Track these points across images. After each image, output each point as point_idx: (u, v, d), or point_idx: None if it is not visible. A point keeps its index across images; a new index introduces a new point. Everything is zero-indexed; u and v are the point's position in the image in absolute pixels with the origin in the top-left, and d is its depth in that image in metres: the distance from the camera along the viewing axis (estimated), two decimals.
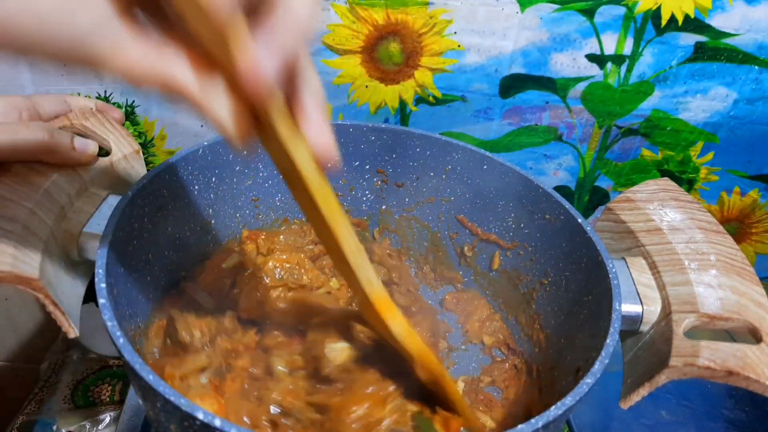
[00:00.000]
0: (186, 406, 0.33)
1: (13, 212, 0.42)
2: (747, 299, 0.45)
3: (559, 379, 0.51)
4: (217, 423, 0.32)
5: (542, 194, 0.56)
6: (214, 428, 0.33)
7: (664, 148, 0.78)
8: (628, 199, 0.53)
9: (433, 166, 0.63)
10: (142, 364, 0.36)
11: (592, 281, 0.49)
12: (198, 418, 0.33)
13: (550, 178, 0.81)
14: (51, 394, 0.68)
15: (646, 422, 0.66)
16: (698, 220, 0.51)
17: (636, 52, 0.71)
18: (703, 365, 0.40)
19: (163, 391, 0.34)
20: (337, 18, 0.69)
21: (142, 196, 0.50)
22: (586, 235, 0.51)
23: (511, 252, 0.62)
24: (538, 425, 0.36)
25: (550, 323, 0.57)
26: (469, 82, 0.73)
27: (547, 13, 0.68)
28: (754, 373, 0.40)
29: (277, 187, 0.64)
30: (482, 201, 0.62)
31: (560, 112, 0.76)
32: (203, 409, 0.33)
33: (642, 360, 0.46)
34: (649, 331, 0.47)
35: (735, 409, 0.70)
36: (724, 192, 0.82)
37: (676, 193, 0.53)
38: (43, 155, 0.46)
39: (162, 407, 0.35)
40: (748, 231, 0.85)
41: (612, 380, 0.46)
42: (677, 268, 0.47)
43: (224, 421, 0.33)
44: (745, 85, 0.73)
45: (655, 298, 0.47)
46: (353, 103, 0.75)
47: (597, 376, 0.40)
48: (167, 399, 0.34)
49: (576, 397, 0.38)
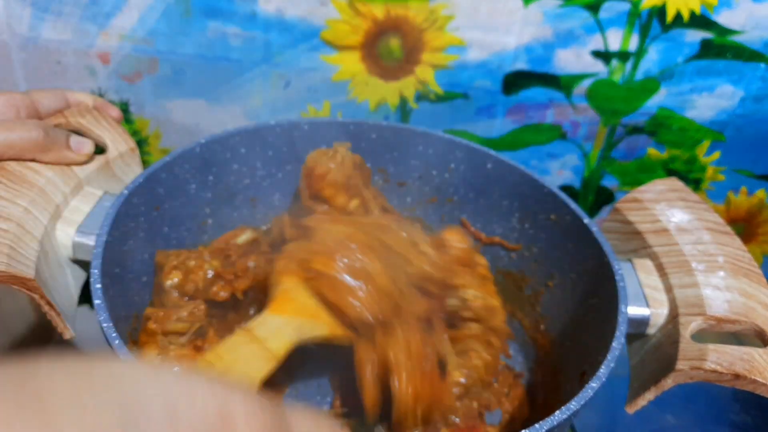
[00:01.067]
0: None
1: (7, 211, 0.42)
2: (755, 301, 0.45)
3: (564, 383, 0.50)
4: None
5: (547, 194, 0.55)
6: None
7: (670, 147, 0.77)
8: (635, 199, 0.52)
9: (435, 165, 0.62)
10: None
11: (599, 283, 0.49)
12: None
13: (554, 177, 0.80)
14: None
15: (652, 427, 0.65)
16: (706, 221, 0.50)
17: (641, 49, 0.70)
18: (710, 369, 0.40)
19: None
20: (336, 13, 0.68)
21: (137, 195, 0.49)
22: (592, 236, 0.50)
23: (516, 253, 0.61)
24: (542, 430, 0.35)
25: (556, 326, 0.56)
26: (472, 78, 0.72)
27: (551, 8, 0.67)
28: (762, 377, 0.40)
29: (275, 187, 0.63)
30: (486, 201, 0.61)
31: (564, 110, 0.75)
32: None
33: (648, 363, 0.46)
34: (655, 334, 0.47)
35: (741, 412, 0.69)
36: (731, 191, 0.81)
37: (683, 194, 0.53)
38: (37, 154, 0.45)
39: None
40: (756, 231, 0.84)
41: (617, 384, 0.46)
42: (684, 269, 0.47)
43: None
44: (752, 82, 0.72)
45: (662, 300, 0.46)
46: (352, 99, 0.74)
47: (603, 380, 0.39)
48: None
49: (581, 401, 0.37)
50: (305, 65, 0.72)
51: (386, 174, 0.64)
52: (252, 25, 0.69)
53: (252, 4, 0.67)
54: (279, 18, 0.68)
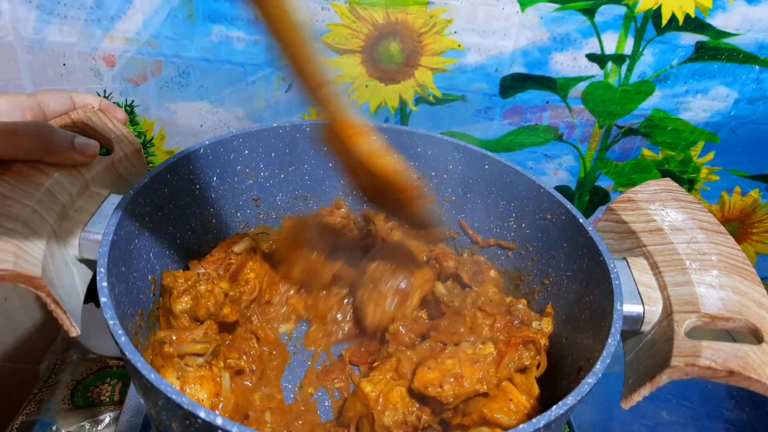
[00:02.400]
0: (188, 405, 0.33)
1: (14, 211, 0.42)
2: (748, 299, 0.45)
3: (560, 379, 0.51)
4: (218, 422, 0.32)
5: (544, 194, 0.56)
6: (216, 427, 0.33)
7: (664, 148, 0.78)
8: (629, 199, 0.53)
9: (434, 166, 0.63)
10: (144, 362, 0.36)
11: (594, 281, 0.50)
12: (200, 416, 0.33)
13: (551, 177, 0.81)
14: (50, 395, 0.67)
15: (647, 423, 0.66)
16: (699, 220, 0.51)
17: (636, 52, 0.71)
18: (705, 365, 0.40)
19: (164, 389, 0.34)
20: (337, 17, 0.69)
21: (143, 195, 0.50)
22: (587, 235, 0.51)
23: (513, 252, 0.62)
24: (539, 425, 0.36)
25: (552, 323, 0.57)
26: (470, 81, 0.73)
27: (547, 12, 0.68)
28: (756, 373, 0.40)
29: (278, 187, 0.64)
30: (483, 201, 0.62)
31: (561, 112, 0.76)
32: (205, 408, 0.33)
33: (643, 360, 0.46)
34: (650, 332, 0.47)
35: (735, 409, 0.70)
36: (724, 192, 0.82)
37: (677, 194, 0.53)
38: (43, 155, 0.46)
39: (164, 406, 0.35)
40: (749, 231, 0.85)
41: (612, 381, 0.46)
42: (679, 268, 0.48)
43: (225, 420, 0.32)
44: (746, 84, 0.73)
45: (656, 298, 0.47)
46: (353, 102, 0.75)
47: (599, 375, 0.40)
48: (169, 397, 0.34)
49: (578, 396, 0.38)
50: None
51: None
52: (255, 29, 0.70)
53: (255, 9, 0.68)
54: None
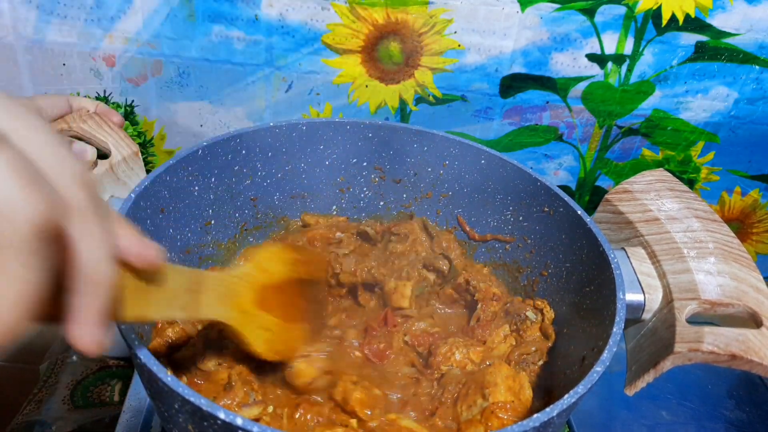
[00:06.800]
0: (207, 406, 0.33)
1: None
2: (746, 285, 0.46)
3: (564, 369, 0.51)
4: (238, 422, 0.32)
5: (540, 187, 0.56)
6: (236, 427, 0.32)
7: (664, 148, 0.78)
8: (625, 190, 0.53)
9: (430, 162, 0.63)
10: (159, 366, 0.35)
11: (594, 272, 0.50)
12: (219, 417, 0.32)
13: (551, 177, 0.81)
14: (50, 395, 0.67)
15: (647, 423, 0.66)
16: (694, 209, 0.51)
17: (636, 52, 0.71)
18: (707, 350, 0.41)
19: (182, 392, 0.34)
20: (337, 17, 0.69)
21: (144, 199, 0.49)
22: (586, 227, 0.51)
23: (511, 245, 0.62)
24: (552, 414, 0.36)
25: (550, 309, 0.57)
26: (470, 81, 0.73)
27: (547, 12, 0.68)
28: (757, 357, 0.41)
29: (275, 186, 0.64)
30: (480, 195, 0.62)
31: (561, 112, 0.76)
32: (224, 409, 0.33)
33: (645, 347, 0.47)
34: (651, 319, 0.48)
35: (735, 409, 0.70)
36: (725, 192, 0.82)
37: (672, 184, 0.54)
38: None
39: (180, 408, 0.35)
40: (749, 231, 0.85)
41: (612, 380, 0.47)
42: (677, 256, 0.48)
43: (246, 420, 0.32)
44: (746, 84, 0.73)
45: (656, 286, 0.48)
46: (353, 102, 0.75)
47: (606, 364, 0.40)
48: (186, 399, 0.33)
49: (588, 384, 0.38)
50: (307, 68, 0.73)
51: (382, 171, 0.65)
52: (255, 29, 0.70)
53: (255, 9, 0.68)
54: (281, 22, 0.69)
